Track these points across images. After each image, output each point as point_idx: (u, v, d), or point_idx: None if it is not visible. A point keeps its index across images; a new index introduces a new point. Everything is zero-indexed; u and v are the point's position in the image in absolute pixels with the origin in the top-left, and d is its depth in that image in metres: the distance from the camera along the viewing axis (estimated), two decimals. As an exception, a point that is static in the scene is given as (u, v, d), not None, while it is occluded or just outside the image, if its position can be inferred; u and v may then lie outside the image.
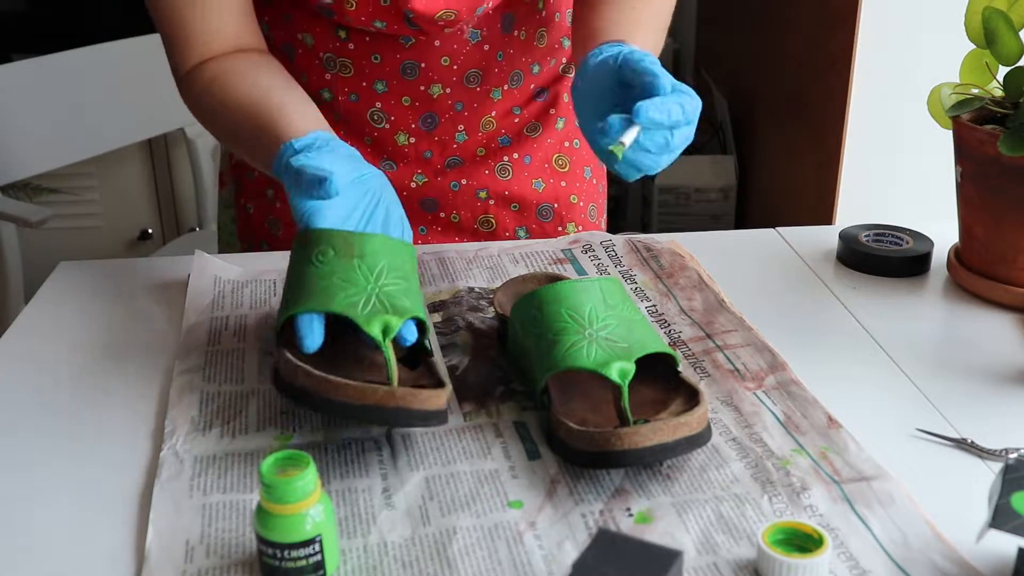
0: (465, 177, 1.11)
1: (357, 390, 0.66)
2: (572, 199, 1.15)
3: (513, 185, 1.12)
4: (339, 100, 1.05)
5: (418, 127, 1.06)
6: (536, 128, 1.12)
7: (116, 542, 0.64)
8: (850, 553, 0.62)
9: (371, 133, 1.07)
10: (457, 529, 0.64)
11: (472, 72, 1.04)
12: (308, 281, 0.73)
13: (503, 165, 1.12)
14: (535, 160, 1.13)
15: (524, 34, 1.06)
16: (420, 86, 1.03)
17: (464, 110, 1.07)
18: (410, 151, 1.08)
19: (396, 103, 1.05)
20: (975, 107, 0.92)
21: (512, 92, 1.09)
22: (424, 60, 1.02)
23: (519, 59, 1.08)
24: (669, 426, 0.66)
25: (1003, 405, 0.79)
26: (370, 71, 1.03)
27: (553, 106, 1.13)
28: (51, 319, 0.92)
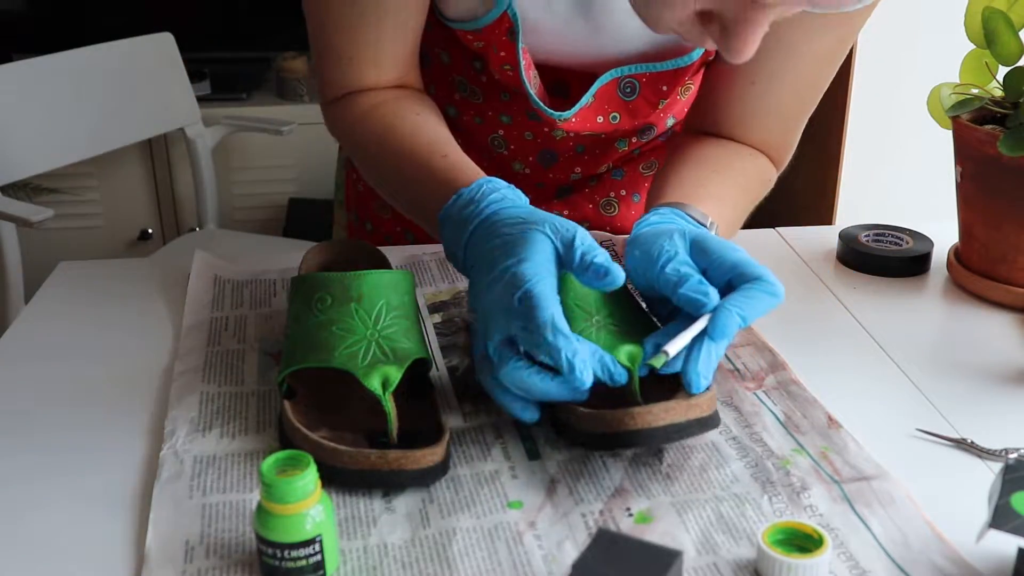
0: (568, 209, 1.09)
1: (352, 457, 0.66)
2: None
3: (616, 221, 1.10)
4: (464, 119, 1.04)
5: (535, 160, 1.05)
6: (652, 166, 1.10)
7: (116, 542, 0.64)
8: (850, 553, 0.62)
9: (489, 154, 1.05)
10: (457, 530, 0.64)
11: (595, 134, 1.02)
12: (308, 332, 0.74)
13: (609, 201, 1.09)
14: (644, 199, 1.09)
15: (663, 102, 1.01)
16: (545, 127, 1.01)
17: (585, 154, 1.05)
18: (523, 178, 1.06)
19: (519, 135, 1.03)
20: (975, 107, 0.92)
21: (639, 142, 1.07)
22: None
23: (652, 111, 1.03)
24: (681, 406, 0.67)
25: (1003, 405, 0.79)
26: (498, 105, 1.01)
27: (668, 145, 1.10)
28: (51, 319, 0.92)
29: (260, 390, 0.79)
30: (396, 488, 0.68)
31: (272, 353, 0.84)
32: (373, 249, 0.89)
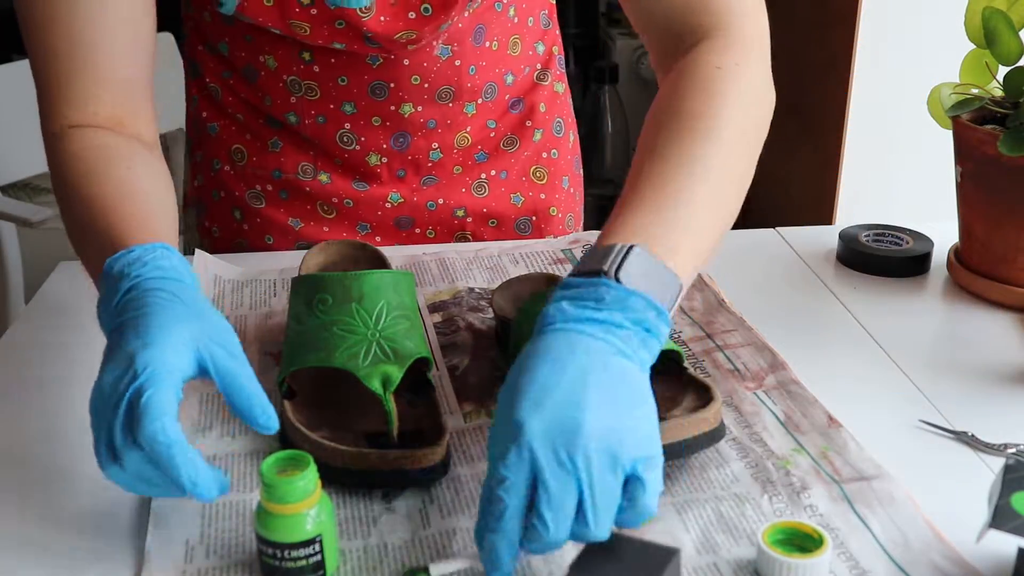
0: (442, 196, 1.08)
1: (352, 457, 0.67)
2: (552, 211, 1.12)
3: (491, 201, 1.10)
4: (306, 123, 1.01)
5: (390, 147, 1.03)
6: (513, 142, 1.09)
7: (116, 542, 0.64)
8: (850, 553, 0.62)
9: (341, 155, 1.03)
10: (457, 530, 0.64)
11: (444, 89, 1.01)
12: (309, 333, 0.74)
13: (480, 183, 1.09)
14: (512, 174, 1.10)
15: (496, 44, 1.03)
16: (390, 106, 1.00)
17: (437, 127, 1.03)
18: (383, 171, 1.04)
19: (366, 124, 1.01)
20: (975, 107, 0.92)
21: (487, 105, 1.06)
22: (393, 80, 0.98)
23: (492, 71, 1.04)
24: (689, 422, 0.67)
25: (1003, 405, 0.79)
26: (337, 93, 0.99)
27: (529, 117, 1.10)
28: (51, 319, 0.92)
29: None
30: (396, 488, 0.68)
31: (272, 353, 0.84)
32: (374, 250, 0.89)
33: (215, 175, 1.07)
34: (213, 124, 1.06)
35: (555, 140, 1.13)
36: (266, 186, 1.05)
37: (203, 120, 1.07)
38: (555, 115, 1.13)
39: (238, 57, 1.01)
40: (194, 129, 1.09)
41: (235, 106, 1.04)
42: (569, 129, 1.16)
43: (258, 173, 1.05)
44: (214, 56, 1.03)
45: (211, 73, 1.04)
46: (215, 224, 1.09)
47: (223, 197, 1.07)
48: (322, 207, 1.06)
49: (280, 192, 1.05)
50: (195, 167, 1.10)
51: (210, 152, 1.07)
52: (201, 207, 1.10)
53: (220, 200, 1.08)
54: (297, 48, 0.97)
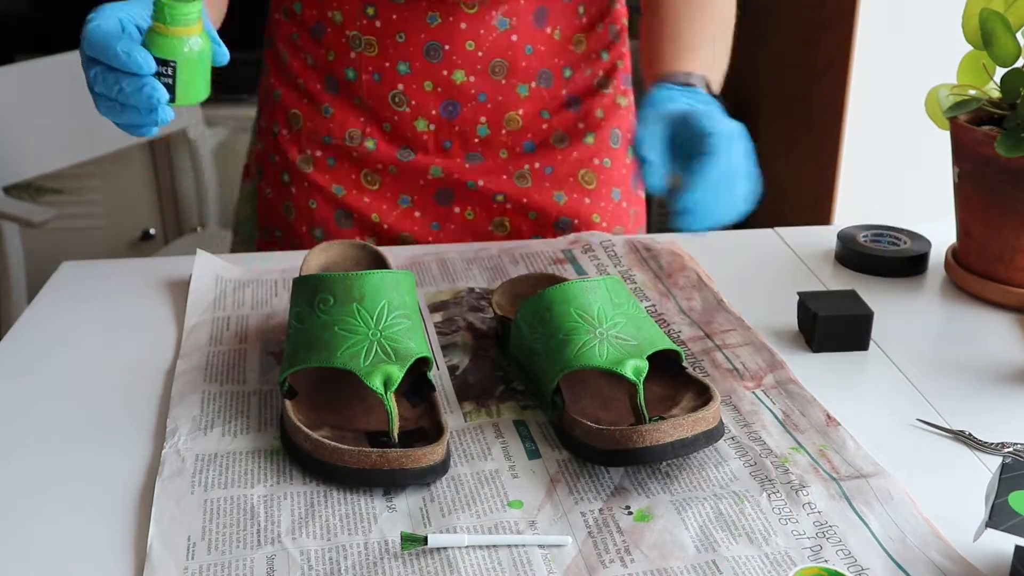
0: (483, 178, 1.09)
1: (353, 455, 0.67)
2: (595, 218, 1.12)
3: (532, 193, 1.10)
4: (362, 79, 1.05)
5: (439, 114, 1.06)
6: (563, 139, 1.10)
7: (117, 539, 0.64)
8: (848, 551, 0.63)
9: (391, 118, 1.06)
10: (457, 529, 0.64)
11: (497, 62, 1.03)
12: (310, 333, 0.74)
13: (522, 173, 1.10)
14: (558, 172, 1.10)
15: (559, 33, 1.05)
16: (443, 70, 1.03)
17: (487, 102, 1.06)
18: (429, 139, 1.07)
19: (418, 87, 1.04)
20: (972, 108, 0.93)
21: (540, 92, 1.07)
22: (449, 42, 1.02)
23: (550, 58, 1.06)
24: (688, 422, 0.67)
25: (1001, 405, 0.79)
26: (394, 51, 1.03)
27: (583, 120, 1.10)
28: (54, 319, 0.92)
29: (262, 389, 0.79)
30: (397, 487, 0.68)
31: (273, 352, 0.85)
32: (374, 250, 0.90)
33: (274, 139, 1.12)
34: (277, 90, 1.11)
35: (610, 150, 1.13)
36: (315, 152, 1.10)
37: (270, 86, 1.13)
38: (613, 124, 1.13)
39: (308, 15, 1.06)
40: (263, 96, 1.15)
41: (298, 70, 1.09)
42: (629, 144, 1.15)
43: (311, 138, 1.10)
44: (287, 20, 1.09)
45: (282, 39, 1.10)
46: (268, 186, 1.14)
47: (278, 160, 1.12)
48: (366, 177, 1.09)
49: (328, 159, 1.10)
50: (260, 133, 1.16)
51: (270, 117, 1.13)
52: (260, 169, 1.15)
53: (275, 163, 1.13)
54: (363, 3, 1.02)
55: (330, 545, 0.63)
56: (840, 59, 1.91)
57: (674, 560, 0.62)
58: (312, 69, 1.09)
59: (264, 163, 1.14)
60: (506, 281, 0.89)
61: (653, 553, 0.62)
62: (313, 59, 1.08)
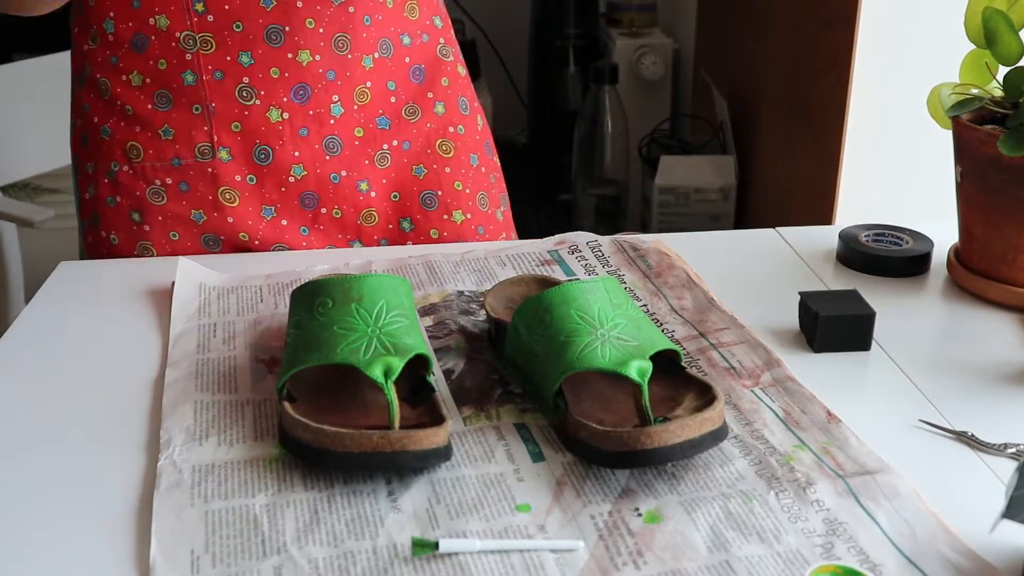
0: (345, 168, 1.08)
1: (354, 439, 0.67)
2: (456, 185, 1.13)
3: (391, 172, 1.11)
4: (204, 81, 1.02)
5: (291, 100, 1.04)
6: (415, 111, 1.11)
7: (118, 553, 0.63)
8: (860, 547, 0.63)
9: (241, 115, 1.03)
10: (467, 533, 0.64)
11: (340, 36, 1.03)
12: (310, 335, 0.74)
13: (383, 153, 1.10)
14: (415, 145, 1.11)
15: (391, 2, 1.06)
16: (287, 53, 1.01)
17: (337, 79, 1.04)
18: (285, 129, 1.04)
19: (265, 75, 1.02)
20: (975, 107, 0.93)
21: (384, 62, 1.07)
22: (288, 23, 1.00)
23: (387, 27, 1.07)
24: (695, 422, 0.67)
25: (1003, 405, 0.79)
26: (233, 42, 1.00)
27: (431, 89, 1.12)
28: (52, 319, 0.92)
29: (255, 399, 0.78)
30: (399, 471, 0.68)
31: (264, 360, 0.84)
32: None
33: (111, 180, 1.07)
34: (104, 127, 1.06)
35: (461, 116, 1.15)
36: (165, 179, 1.05)
37: (94, 126, 1.07)
38: (459, 93, 1.15)
39: (124, 30, 1.02)
40: (81, 141, 1.09)
41: (124, 96, 1.04)
42: (476, 112, 1.18)
43: (156, 167, 1.05)
44: (100, 45, 1.04)
45: (99, 67, 1.05)
46: (113, 231, 1.08)
47: (120, 202, 1.07)
48: (224, 195, 1.06)
49: (180, 184, 1.05)
50: (86, 181, 1.10)
51: (104, 157, 1.07)
52: (94, 218, 1.09)
53: (117, 205, 1.07)
54: (189, 1, 0.99)
55: (338, 552, 0.63)
56: (842, 58, 1.91)
57: (687, 561, 0.62)
58: (139, 90, 1.03)
59: (101, 210, 1.07)
60: (497, 284, 0.89)
61: (666, 555, 0.62)
62: (140, 76, 1.03)
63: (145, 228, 1.07)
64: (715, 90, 2.62)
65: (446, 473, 0.70)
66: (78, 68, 1.09)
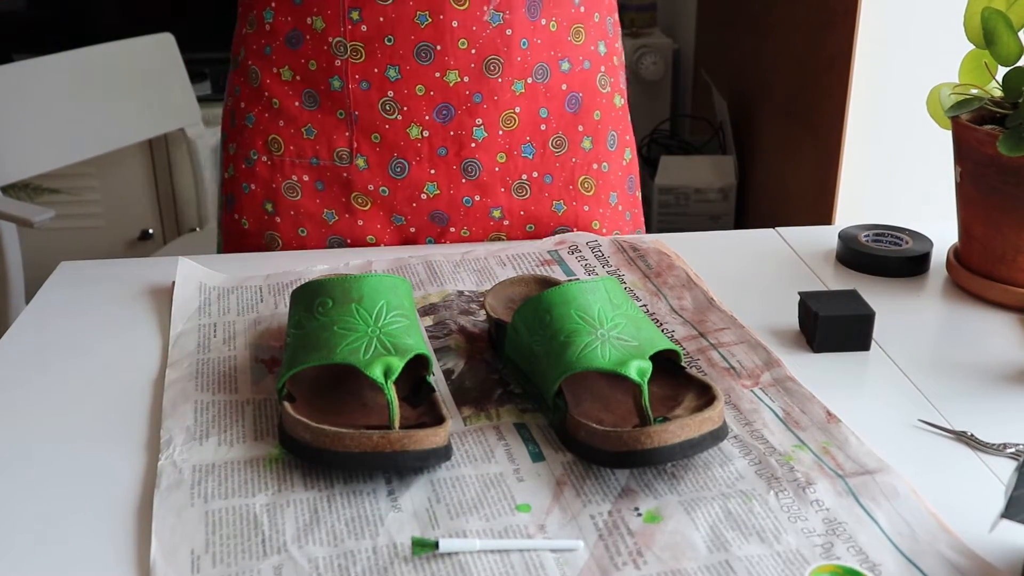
0: (479, 193, 1.07)
1: (354, 439, 0.67)
2: (594, 224, 1.11)
3: (530, 204, 1.08)
4: (349, 88, 1.02)
5: (432, 119, 1.02)
6: (562, 144, 1.08)
7: (118, 554, 0.63)
8: (859, 547, 0.63)
9: (382, 127, 1.03)
10: (467, 532, 0.64)
11: (492, 59, 1.01)
12: (310, 335, 0.74)
13: (521, 184, 1.07)
14: (557, 180, 1.09)
15: (555, 25, 1.03)
16: (435, 72, 1.00)
17: (483, 102, 1.03)
18: (423, 146, 1.04)
19: (410, 92, 1.01)
20: (974, 107, 0.93)
21: (537, 87, 1.04)
22: (440, 42, 0.99)
23: (546, 51, 1.03)
24: (695, 422, 0.67)
25: (1002, 405, 0.79)
26: (382, 55, 1.00)
27: (583, 123, 1.09)
28: (52, 319, 0.92)
29: (255, 399, 0.78)
30: (399, 471, 0.68)
31: (264, 360, 0.84)
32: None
33: (249, 167, 1.08)
34: (250, 114, 1.07)
35: (607, 153, 1.11)
36: (303, 176, 1.06)
37: (241, 111, 1.08)
38: (609, 127, 1.12)
39: (282, 23, 1.02)
40: (230, 121, 1.10)
41: (272, 88, 1.05)
42: (625, 146, 1.14)
43: (295, 163, 1.06)
44: (255, 32, 1.04)
45: (252, 54, 1.05)
46: (244, 216, 1.09)
47: (254, 189, 1.08)
48: (357, 199, 1.06)
49: (316, 183, 1.06)
50: (227, 159, 1.11)
51: (245, 143, 1.08)
52: (231, 198, 1.11)
53: (251, 192, 1.08)
54: (347, 7, 0.98)
55: (338, 551, 0.63)
56: (842, 58, 1.91)
57: (687, 561, 0.62)
58: (288, 85, 1.04)
59: (236, 192, 1.10)
60: (497, 284, 0.89)
61: (665, 554, 0.62)
62: (291, 72, 1.04)
63: (276, 220, 1.08)
64: (715, 90, 2.62)
65: (446, 473, 0.70)
66: (235, 50, 1.09)
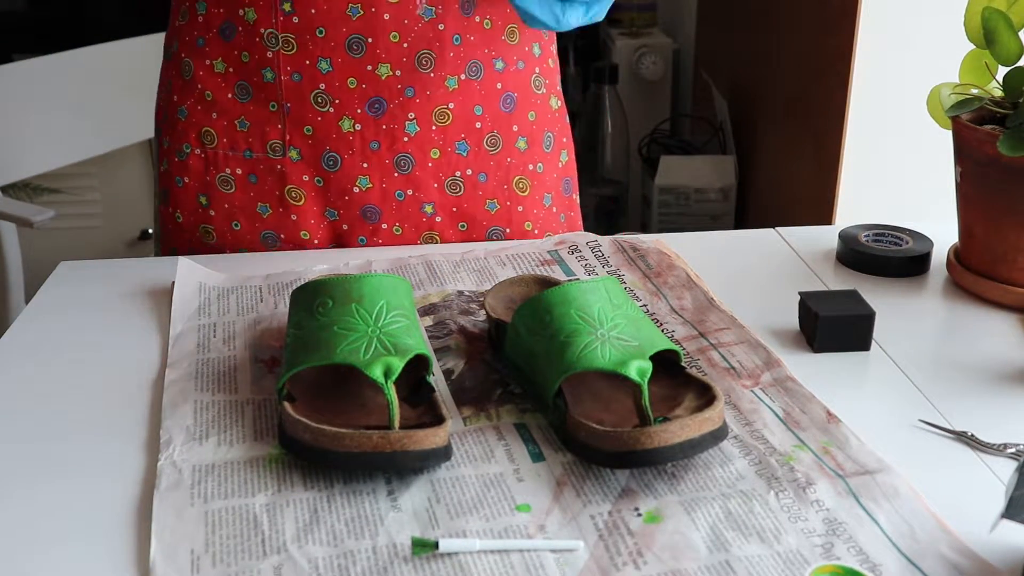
0: (412, 187, 1.06)
1: (354, 439, 0.67)
2: (527, 226, 1.11)
3: (463, 202, 1.08)
4: (281, 80, 1.02)
5: (365, 112, 1.02)
6: (497, 143, 1.08)
7: (118, 555, 0.63)
8: (860, 547, 0.63)
9: (314, 120, 1.03)
10: (467, 532, 0.64)
11: (424, 53, 1.00)
12: (309, 336, 0.74)
13: (455, 180, 1.07)
14: (491, 179, 1.08)
15: (489, 23, 1.03)
16: (367, 65, 1.00)
17: (416, 96, 1.02)
18: (355, 140, 1.03)
19: (342, 84, 1.01)
20: (974, 107, 0.93)
21: (471, 84, 1.04)
22: (371, 35, 0.99)
23: (480, 49, 1.03)
24: (695, 422, 0.67)
25: (1002, 405, 0.79)
26: (314, 47, 1.00)
27: (517, 123, 1.08)
28: (51, 319, 0.92)
29: (255, 399, 0.78)
30: (399, 472, 0.68)
31: (263, 360, 0.84)
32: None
33: (182, 161, 1.07)
34: (182, 107, 1.07)
35: (542, 154, 1.11)
36: (236, 169, 1.06)
37: (173, 104, 1.08)
38: (545, 128, 1.12)
39: (215, 15, 1.02)
40: (163, 115, 1.10)
41: (205, 81, 1.05)
42: (561, 148, 1.14)
43: (228, 155, 1.05)
44: (189, 23, 1.04)
45: (185, 46, 1.05)
46: (179, 209, 1.09)
47: (187, 183, 1.07)
48: (291, 193, 1.06)
49: (250, 176, 1.06)
50: (161, 154, 1.11)
51: (178, 137, 1.08)
52: (165, 193, 1.10)
53: (185, 186, 1.08)
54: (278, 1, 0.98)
55: (337, 552, 0.63)
56: (843, 58, 1.91)
57: (687, 561, 0.62)
58: (221, 76, 1.04)
59: (170, 187, 1.09)
60: (497, 284, 0.89)
61: (665, 554, 0.62)
62: (224, 64, 1.04)
63: (210, 213, 1.07)
64: (715, 90, 2.62)
65: (446, 473, 0.70)
66: (168, 43, 1.09)
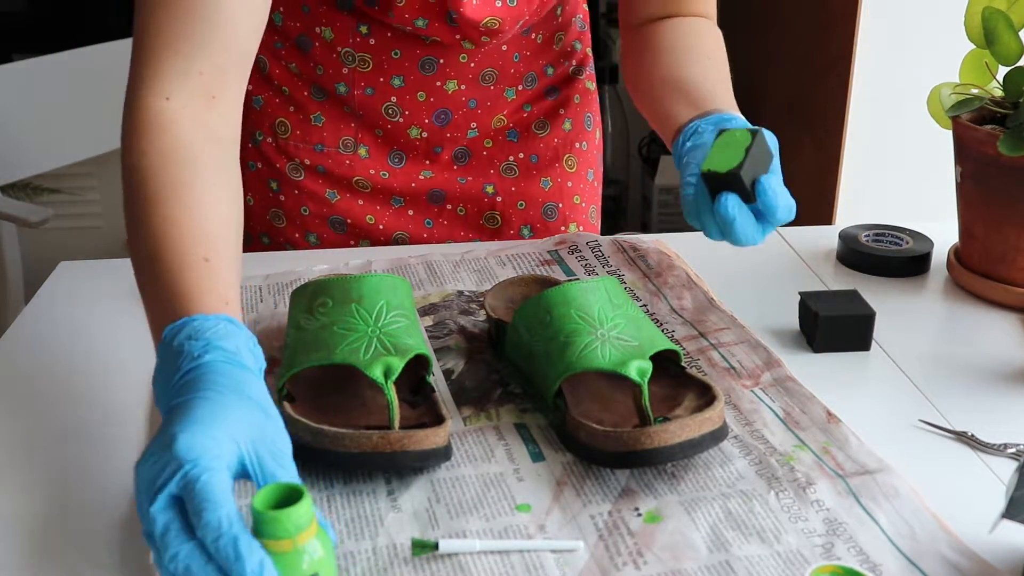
0: (472, 175, 1.12)
1: (354, 439, 0.67)
2: (575, 199, 1.16)
3: (520, 182, 1.13)
4: (354, 94, 1.06)
5: (431, 122, 1.08)
6: (544, 126, 1.14)
7: (117, 556, 0.63)
8: (860, 547, 0.63)
9: (384, 125, 1.08)
10: (467, 532, 0.64)
11: (488, 71, 1.06)
12: (310, 335, 0.74)
13: (508, 165, 1.13)
14: (542, 160, 1.14)
15: (541, 37, 1.09)
16: (436, 82, 1.05)
17: (478, 107, 1.08)
18: (421, 144, 1.09)
19: (411, 98, 1.06)
20: (975, 107, 0.93)
21: (526, 92, 1.11)
22: (443, 56, 1.03)
23: (535, 61, 1.10)
24: (695, 422, 0.67)
25: (1002, 404, 0.79)
26: (388, 66, 1.04)
27: (564, 106, 1.14)
28: (51, 319, 0.92)
29: None
30: (399, 472, 0.68)
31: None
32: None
33: (255, 146, 1.11)
34: (258, 97, 1.10)
35: (585, 133, 1.18)
36: (304, 159, 1.10)
37: (248, 93, 1.08)
38: (585, 109, 1.18)
39: (291, 27, 1.05)
40: None
41: (281, 78, 1.08)
42: (596, 126, 1.21)
43: (300, 146, 1.09)
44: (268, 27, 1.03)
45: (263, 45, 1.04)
46: (249, 193, 1.12)
47: (260, 168, 1.11)
48: (358, 183, 1.10)
49: (318, 167, 1.10)
50: None
51: (251, 124, 1.11)
52: None
53: (257, 171, 1.11)
54: (355, 21, 1.02)
55: (337, 552, 0.62)
56: (843, 58, 1.91)
57: (687, 561, 0.62)
58: (297, 77, 1.08)
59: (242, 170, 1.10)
60: (497, 284, 0.89)
61: (665, 554, 0.62)
62: (298, 69, 1.07)
63: (281, 198, 1.11)
64: (715, 90, 2.62)
65: (446, 473, 0.70)
66: None
